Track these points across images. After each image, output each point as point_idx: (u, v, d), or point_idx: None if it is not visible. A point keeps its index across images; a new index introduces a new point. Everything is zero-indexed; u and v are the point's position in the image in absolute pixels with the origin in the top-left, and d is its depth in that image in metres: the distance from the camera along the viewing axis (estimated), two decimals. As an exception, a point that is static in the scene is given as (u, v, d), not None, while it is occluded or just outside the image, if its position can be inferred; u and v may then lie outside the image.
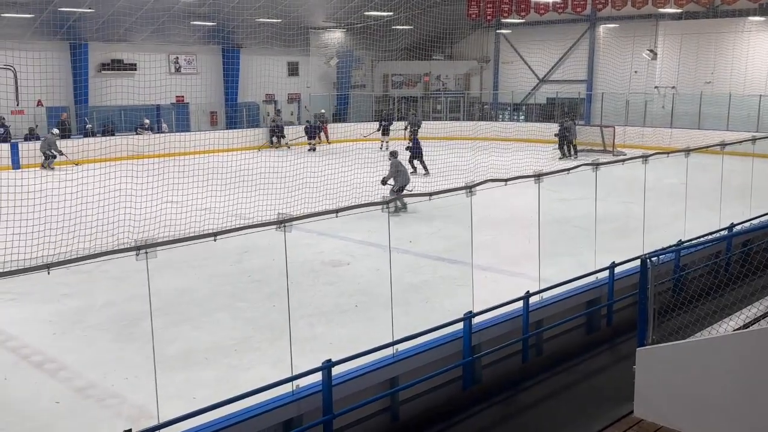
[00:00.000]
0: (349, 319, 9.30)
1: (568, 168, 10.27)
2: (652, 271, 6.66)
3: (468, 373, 7.74)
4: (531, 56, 35.47)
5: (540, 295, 8.76)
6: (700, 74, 30.25)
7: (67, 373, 7.79)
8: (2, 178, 13.88)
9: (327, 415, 6.42)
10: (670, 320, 6.82)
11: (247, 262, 11.81)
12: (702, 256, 11.05)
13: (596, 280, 9.50)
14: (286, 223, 6.47)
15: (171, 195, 14.53)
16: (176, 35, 29.17)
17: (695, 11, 29.27)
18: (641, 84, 31.61)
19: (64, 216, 12.45)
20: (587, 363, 8.70)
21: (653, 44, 31.13)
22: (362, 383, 6.82)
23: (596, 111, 32.75)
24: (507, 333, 8.20)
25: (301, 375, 6.41)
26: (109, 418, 6.83)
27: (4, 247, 9.97)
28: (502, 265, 11.41)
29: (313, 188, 15.59)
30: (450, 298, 9.86)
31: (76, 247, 9.40)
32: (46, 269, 5.38)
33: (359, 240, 13.02)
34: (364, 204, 7.57)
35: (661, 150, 14.26)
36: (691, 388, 6.02)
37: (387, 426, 7.13)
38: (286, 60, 33.28)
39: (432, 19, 30.60)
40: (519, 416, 7.51)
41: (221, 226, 7.66)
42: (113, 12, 25.57)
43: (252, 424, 6.05)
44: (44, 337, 8.82)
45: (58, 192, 13.74)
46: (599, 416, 7.08)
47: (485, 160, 18.63)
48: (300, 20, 30.92)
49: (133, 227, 11.55)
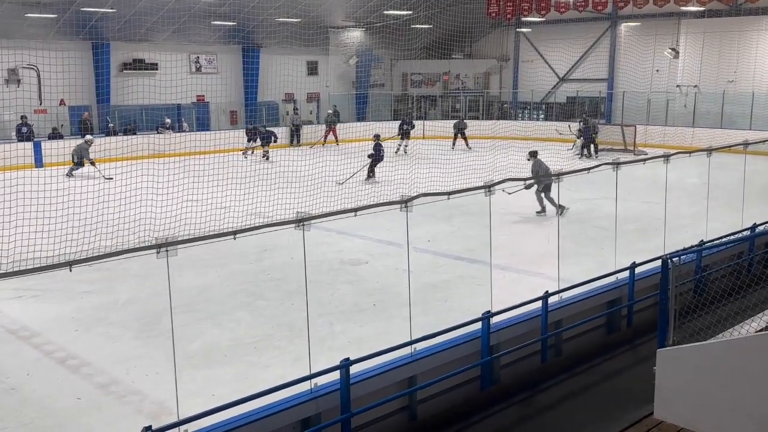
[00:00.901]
0: (367, 318, 9.31)
1: (588, 168, 10.22)
2: (674, 272, 6.60)
3: (486, 373, 7.72)
4: (551, 55, 35.26)
5: (559, 295, 8.72)
6: (722, 73, 29.93)
7: (89, 370, 7.87)
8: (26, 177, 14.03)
9: (345, 413, 6.44)
10: (692, 321, 6.76)
11: (266, 260, 11.86)
12: (724, 257, 10.94)
13: (616, 280, 9.44)
14: (305, 221, 6.50)
15: (191, 194, 14.63)
16: (197, 35, 29.37)
17: (718, 9, 28.95)
18: (663, 83, 31.31)
19: (86, 214, 12.58)
20: (607, 364, 8.64)
21: (675, 43, 30.82)
22: (380, 382, 6.83)
23: (617, 110, 32.51)
24: (526, 333, 8.17)
25: (319, 373, 6.43)
26: (130, 414, 6.89)
27: (28, 245, 10.09)
28: (521, 265, 11.37)
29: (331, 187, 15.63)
30: (468, 297, 9.83)
31: (98, 245, 9.49)
32: (69, 267, 5.44)
33: (378, 239, 13.03)
34: (383, 203, 7.58)
35: (683, 149, 14.12)
36: (712, 390, 5.96)
37: (405, 425, 7.13)
38: (306, 59, 33.37)
39: (451, 18, 30.51)
40: (537, 417, 7.48)
41: (241, 225, 7.70)
42: (135, 12, 25.79)
43: (270, 421, 6.08)
44: (67, 333, 8.92)
45: (80, 190, 13.90)
46: (619, 418, 7.04)
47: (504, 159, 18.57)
48: (319, 19, 31.00)
49: (154, 225, 11.64)
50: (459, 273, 11.32)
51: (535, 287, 8.84)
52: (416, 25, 31.73)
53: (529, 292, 8.62)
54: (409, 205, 7.37)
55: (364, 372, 6.73)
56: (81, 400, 7.15)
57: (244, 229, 6.48)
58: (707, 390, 6.00)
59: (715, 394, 5.95)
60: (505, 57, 37.22)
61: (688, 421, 6.13)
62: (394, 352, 7.01)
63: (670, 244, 10.12)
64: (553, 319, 8.44)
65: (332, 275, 11.11)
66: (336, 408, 6.45)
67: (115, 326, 9.12)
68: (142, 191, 13.69)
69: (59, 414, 6.91)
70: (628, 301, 9.44)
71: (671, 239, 10.53)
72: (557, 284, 8.95)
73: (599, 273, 9.39)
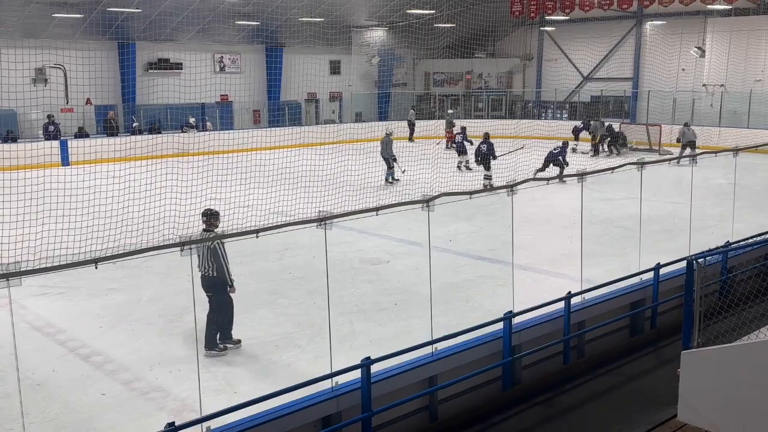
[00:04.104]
0: (388, 317, 9.31)
1: (612, 167, 10.12)
2: (699, 273, 6.52)
3: (508, 373, 7.68)
4: (575, 53, 35.02)
5: (582, 296, 8.65)
6: (749, 72, 29.52)
7: (113, 366, 7.96)
8: (52, 175, 14.23)
9: (365, 412, 6.44)
10: (717, 323, 6.68)
11: (288, 259, 11.91)
12: (750, 258, 10.79)
13: (641, 281, 9.34)
14: (326, 220, 6.51)
15: (214, 192, 14.73)
16: (221, 35, 29.58)
17: (745, 8, 28.57)
18: (689, 82, 30.97)
19: (111, 212, 12.73)
20: (630, 365, 8.56)
21: (701, 41, 30.46)
22: (401, 381, 6.83)
23: (642, 109, 32.19)
24: (548, 334, 8.12)
25: (340, 372, 6.45)
26: (153, 410, 6.95)
27: (54, 242, 10.22)
28: (543, 265, 11.30)
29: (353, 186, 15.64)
30: (490, 297, 9.80)
31: (122, 242, 9.59)
32: (94, 264, 5.50)
33: (399, 238, 13.03)
34: (405, 202, 7.56)
35: (709, 149, 13.95)
36: (737, 393, 5.88)
37: (425, 425, 7.12)
38: (329, 58, 33.47)
39: (474, 17, 30.41)
40: (560, 418, 7.43)
41: (263, 224, 7.74)
42: (160, 12, 26.04)
43: (291, 419, 6.11)
44: (91, 330, 9.03)
45: (105, 189, 14.05)
46: (642, 420, 6.98)
47: (527, 158, 18.47)
48: (342, 19, 31.06)
49: (178, 224, 11.73)
50: (480, 273, 11.27)
51: (558, 288, 8.78)
52: (439, 24, 31.67)
53: (552, 292, 8.56)
54: (431, 205, 7.36)
55: (384, 371, 6.74)
56: (105, 396, 7.23)
57: (267, 227, 6.51)
58: (732, 393, 5.92)
59: (740, 397, 5.87)
60: (528, 56, 37.00)
61: (713, 424, 6.05)
62: (414, 352, 7.00)
63: (696, 244, 10.00)
64: (575, 320, 8.38)
65: (353, 274, 11.13)
66: (356, 407, 6.46)
67: (139, 323, 9.21)
68: (166, 190, 13.81)
69: (84, 410, 6.99)
70: (652, 302, 9.34)
71: (696, 240, 10.40)
72: (580, 285, 8.88)
73: (623, 274, 9.30)
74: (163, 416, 6.52)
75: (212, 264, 7.77)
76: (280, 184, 16.18)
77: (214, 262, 7.77)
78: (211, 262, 7.77)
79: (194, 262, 5.78)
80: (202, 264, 7.79)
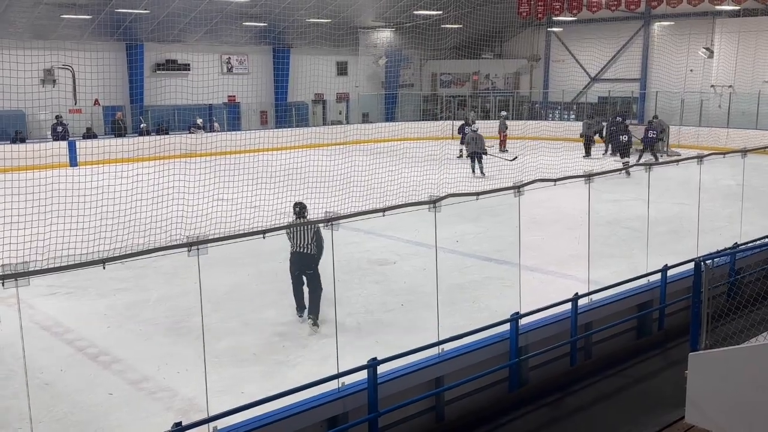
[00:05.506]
0: (394, 318, 9.31)
1: (620, 168, 10.09)
2: (707, 275, 6.50)
3: (515, 374, 7.67)
4: (582, 54, 34.94)
5: (589, 297, 8.63)
6: (758, 73, 29.40)
7: (120, 366, 7.99)
8: (60, 176, 14.28)
9: (372, 413, 6.44)
10: (725, 325, 6.65)
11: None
12: (758, 260, 10.74)
13: (648, 283, 9.31)
14: (333, 221, 6.52)
15: (222, 193, 14.77)
16: (228, 36, 29.65)
17: (753, 8, 28.43)
18: (697, 83, 30.85)
19: (119, 212, 12.77)
20: (637, 367, 8.53)
21: (709, 42, 30.35)
22: (407, 382, 6.82)
23: (650, 110, 32.07)
24: (555, 335, 8.10)
25: (346, 372, 6.45)
26: (160, 410, 6.98)
27: (62, 242, 10.26)
28: (550, 267, 11.28)
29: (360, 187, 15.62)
30: (497, 298, 9.79)
31: (130, 242, 9.62)
32: (102, 264, 5.52)
33: (406, 239, 13.03)
34: (412, 203, 7.56)
35: (717, 150, 13.90)
36: (744, 395, 5.86)
37: (432, 426, 7.12)
38: (335, 59, 33.49)
39: (481, 18, 30.37)
40: (567, 420, 7.41)
41: (270, 224, 7.76)
42: (168, 13, 26.12)
43: (298, 420, 6.11)
44: (99, 330, 9.06)
45: (113, 189, 14.10)
46: (649, 421, 6.95)
47: (534, 159, 18.43)
48: (349, 20, 31.09)
49: (185, 224, 11.76)
50: (487, 274, 11.26)
51: (565, 289, 8.76)
52: (446, 25, 31.65)
53: (559, 293, 8.54)
54: (438, 206, 7.35)
55: (391, 372, 6.73)
56: (113, 396, 7.26)
57: (274, 228, 6.53)
58: (740, 395, 5.90)
59: (748, 399, 5.85)
60: (535, 57, 36.94)
61: (720, 426, 6.03)
62: (421, 353, 7.00)
63: (704, 246, 9.96)
64: (582, 321, 8.36)
65: (360, 275, 11.14)
66: (363, 407, 6.46)
67: (147, 323, 9.24)
68: (174, 190, 13.85)
69: (91, 409, 7.02)
70: (660, 303, 9.31)
71: (704, 241, 10.37)
72: (587, 286, 8.86)
73: (630, 275, 9.27)
74: (170, 416, 6.55)
75: (314, 245, 8.75)
76: (287, 184, 16.19)
77: (315, 243, 8.72)
78: (313, 242, 8.72)
79: (201, 263, 5.78)
80: (300, 244, 8.75)
